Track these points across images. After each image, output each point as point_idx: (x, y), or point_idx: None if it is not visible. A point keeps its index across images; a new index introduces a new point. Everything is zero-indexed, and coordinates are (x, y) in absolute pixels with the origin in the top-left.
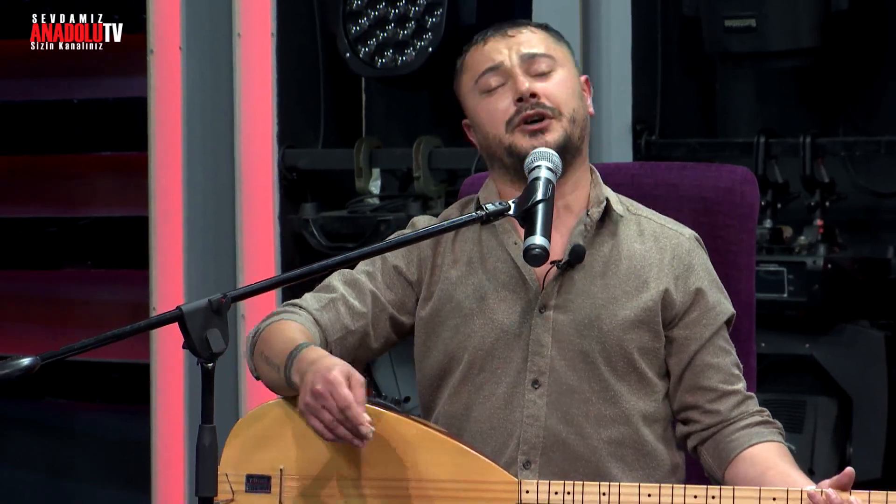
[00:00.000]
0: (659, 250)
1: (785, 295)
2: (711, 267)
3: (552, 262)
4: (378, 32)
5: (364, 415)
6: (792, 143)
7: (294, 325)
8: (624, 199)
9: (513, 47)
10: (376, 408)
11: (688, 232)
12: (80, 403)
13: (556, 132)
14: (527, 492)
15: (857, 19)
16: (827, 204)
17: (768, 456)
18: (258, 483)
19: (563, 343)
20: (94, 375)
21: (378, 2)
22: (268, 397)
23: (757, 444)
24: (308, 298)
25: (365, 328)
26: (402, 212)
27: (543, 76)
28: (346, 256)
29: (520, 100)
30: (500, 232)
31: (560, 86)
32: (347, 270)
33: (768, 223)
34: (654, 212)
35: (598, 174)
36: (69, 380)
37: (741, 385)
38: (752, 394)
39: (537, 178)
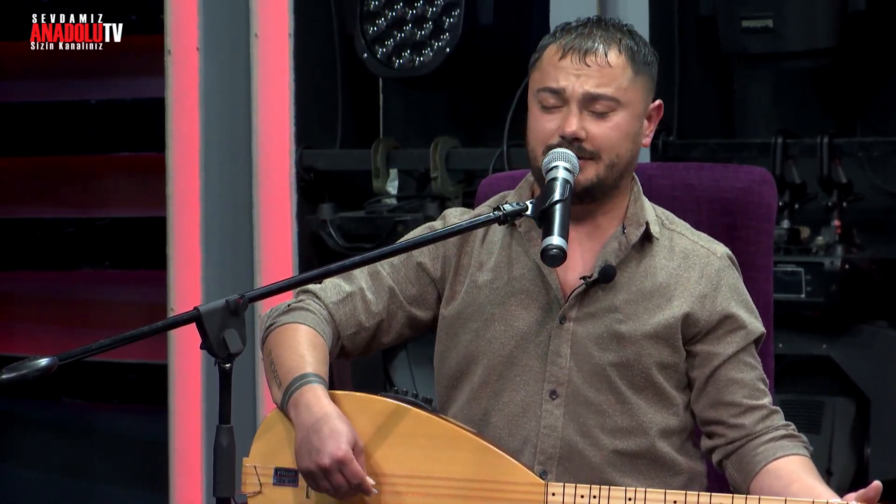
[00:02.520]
0: (687, 268)
1: (802, 295)
2: (742, 286)
3: (581, 278)
4: (395, 33)
5: (369, 479)
6: (809, 144)
7: (304, 332)
8: (660, 211)
9: (582, 79)
10: (404, 405)
11: (720, 251)
12: (97, 404)
13: (587, 173)
14: (553, 494)
15: (875, 20)
16: (844, 204)
17: (793, 469)
18: (286, 476)
19: (581, 355)
20: (111, 376)
21: (395, 2)
22: None
23: (781, 457)
24: (328, 287)
25: (378, 325)
26: (420, 212)
27: (600, 116)
28: (365, 256)
29: (564, 136)
30: (525, 241)
31: (612, 130)
32: None
33: (786, 224)
34: (688, 227)
35: (639, 187)
36: (87, 380)
37: (766, 400)
38: (778, 409)
39: (555, 179)
